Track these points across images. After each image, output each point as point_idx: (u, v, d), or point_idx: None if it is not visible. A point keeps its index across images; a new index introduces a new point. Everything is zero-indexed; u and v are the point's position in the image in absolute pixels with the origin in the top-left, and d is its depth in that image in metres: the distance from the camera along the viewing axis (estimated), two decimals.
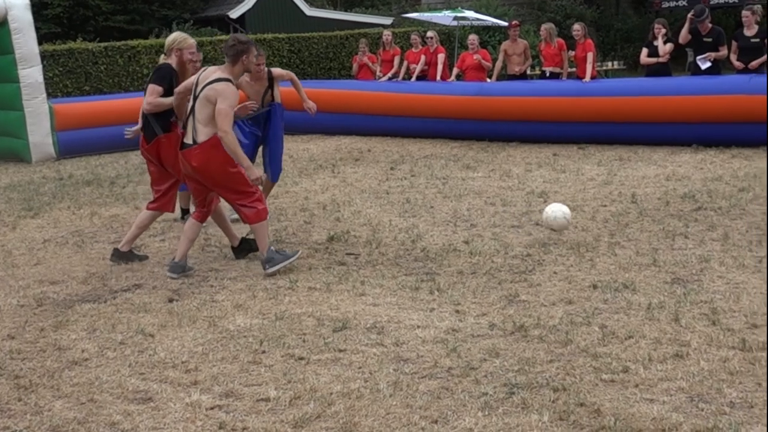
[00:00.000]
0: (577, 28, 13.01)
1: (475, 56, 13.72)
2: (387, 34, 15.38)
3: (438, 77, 14.24)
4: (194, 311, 5.47)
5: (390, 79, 14.82)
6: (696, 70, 11.93)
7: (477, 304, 5.34)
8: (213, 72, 6.14)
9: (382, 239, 7.15)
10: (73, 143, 13.79)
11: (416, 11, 23.61)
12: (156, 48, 19.19)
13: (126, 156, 13.60)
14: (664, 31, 12.27)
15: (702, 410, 3.69)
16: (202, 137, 6.09)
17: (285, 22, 24.33)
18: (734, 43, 11.60)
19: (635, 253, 6.32)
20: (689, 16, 11.98)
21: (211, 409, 3.99)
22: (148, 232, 7.88)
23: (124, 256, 6.86)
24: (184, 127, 6.37)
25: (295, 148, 13.51)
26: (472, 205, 8.38)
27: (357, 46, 17.25)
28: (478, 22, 19.85)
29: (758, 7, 12.07)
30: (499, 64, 13.98)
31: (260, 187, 6.37)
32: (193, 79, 6.33)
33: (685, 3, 24.91)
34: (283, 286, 5.95)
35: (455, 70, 14.32)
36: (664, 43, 12.23)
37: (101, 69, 18.07)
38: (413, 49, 15.13)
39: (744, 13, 11.69)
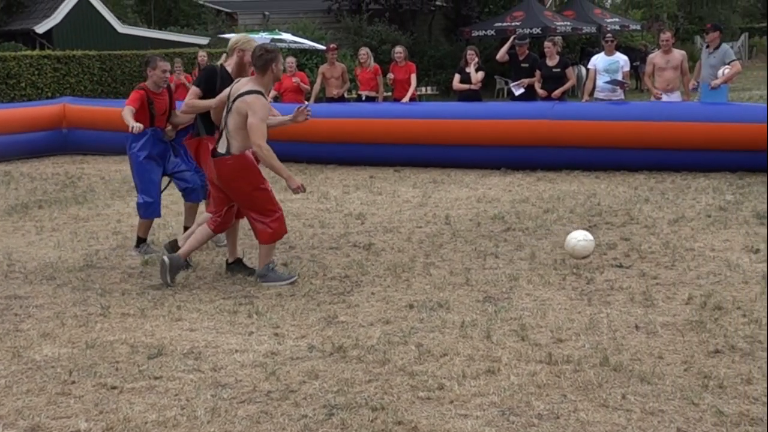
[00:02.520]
0: (399, 50, 13.36)
1: (294, 79, 13.76)
2: (203, 55, 15.18)
3: None
4: None
5: None
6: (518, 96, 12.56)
7: (296, 326, 5.34)
8: (245, 84, 6.18)
9: (199, 262, 7.02)
10: None
11: (233, 32, 23.42)
12: None
13: None
14: (476, 59, 12.83)
15: (513, 423, 3.84)
16: (235, 148, 6.14)
17: (96, 38, 23.47)
18: (538, 72, 12.30)
19: (449, 272, 6.52)
20: (512, 37, 12.71)
21: None
22: None
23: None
24: (220, 135, 6.32)
25: (107, 169, 13.05)
26: (291, 227, 8.34)
27: (172, 65, 16.91)
28: (296, 45, 19.99)
29: (558, 39, 12.90)
30: (317, 86, 14.11)
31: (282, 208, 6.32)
32: (226, 91, 6.32)
33: (493, 33, 26.17)
34: (94, 312, 5.71)
35: (273, 92, 14.29)
36: (476, 71, 12.78)
37: None
38: None
39: (546, 44, 12.45)
